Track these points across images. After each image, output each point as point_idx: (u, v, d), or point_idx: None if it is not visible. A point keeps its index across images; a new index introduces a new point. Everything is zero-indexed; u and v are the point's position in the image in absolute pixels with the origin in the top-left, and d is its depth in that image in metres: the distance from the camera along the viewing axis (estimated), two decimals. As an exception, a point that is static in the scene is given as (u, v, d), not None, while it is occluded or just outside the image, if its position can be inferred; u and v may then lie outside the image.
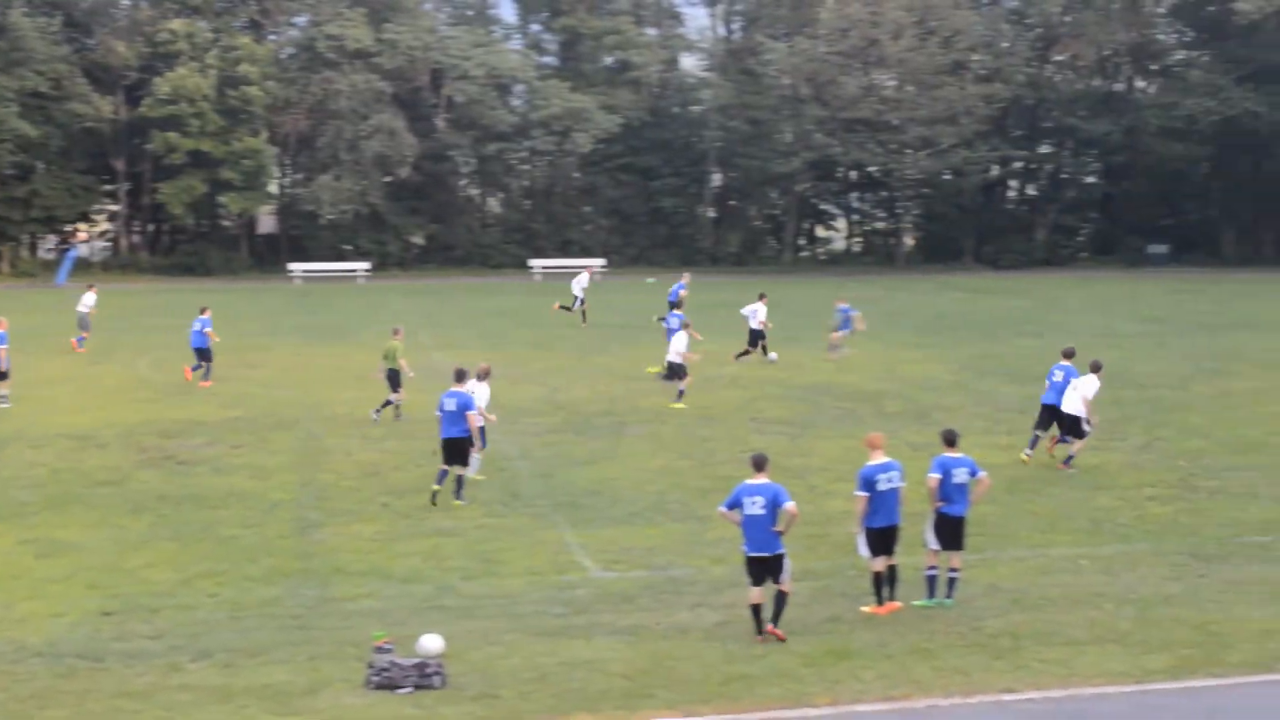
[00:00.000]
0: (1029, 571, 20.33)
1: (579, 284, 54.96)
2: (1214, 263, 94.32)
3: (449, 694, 15.59)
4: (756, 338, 42.68)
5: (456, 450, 24.86)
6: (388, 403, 32.90)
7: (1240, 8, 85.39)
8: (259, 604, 18.98)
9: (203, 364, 39.12)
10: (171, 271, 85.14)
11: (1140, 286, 75.20)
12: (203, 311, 39.76)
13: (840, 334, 44.02)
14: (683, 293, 45.16)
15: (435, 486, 24.75)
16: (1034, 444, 28.23)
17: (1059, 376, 28.21)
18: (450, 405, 24.73)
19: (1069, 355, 28.83)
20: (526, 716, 15.05)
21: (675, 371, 35.93)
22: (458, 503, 24.58)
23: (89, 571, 20.55)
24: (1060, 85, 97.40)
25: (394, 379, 32.84)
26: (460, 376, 25.62)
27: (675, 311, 40.23)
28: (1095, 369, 27.52)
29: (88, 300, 46.91)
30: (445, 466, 24.88)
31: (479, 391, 26.19)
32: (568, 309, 54.43)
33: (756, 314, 42.54)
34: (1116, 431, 31.05)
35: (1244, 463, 27.80)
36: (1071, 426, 27.53)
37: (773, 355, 42.65)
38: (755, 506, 17.42)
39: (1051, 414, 28.12)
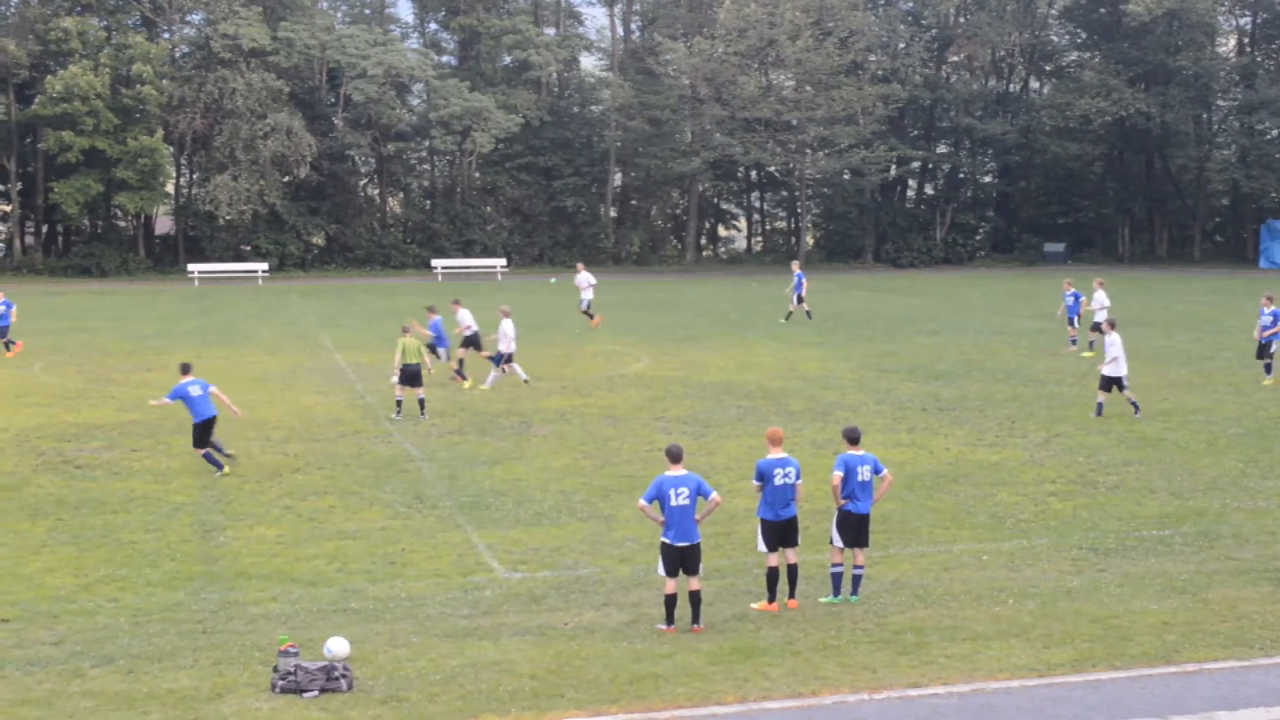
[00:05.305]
0: (932, 567, 20.50)
1: None
2: (1110, 261, 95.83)
3: (356, 697, 15.49)
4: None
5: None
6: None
7: (1130, 10, 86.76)
8: (161, 609, 18.73)
9: None
10: (67, 273, 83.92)
11: (1037, 284, 76.07)
12: None
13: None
14: None
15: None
16: None
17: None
18: None
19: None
20: (434, 719, 14.99)
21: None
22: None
23: (-15, 578, 20.19)
24: (956, 86, 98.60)
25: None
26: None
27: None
28: None
29: None
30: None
31: None
32: None
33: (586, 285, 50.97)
34: (1016, 429, 31.46)
35: (1140, 458, 28.22)
36: None
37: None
38: (681, 497, 17.53)
39: None
